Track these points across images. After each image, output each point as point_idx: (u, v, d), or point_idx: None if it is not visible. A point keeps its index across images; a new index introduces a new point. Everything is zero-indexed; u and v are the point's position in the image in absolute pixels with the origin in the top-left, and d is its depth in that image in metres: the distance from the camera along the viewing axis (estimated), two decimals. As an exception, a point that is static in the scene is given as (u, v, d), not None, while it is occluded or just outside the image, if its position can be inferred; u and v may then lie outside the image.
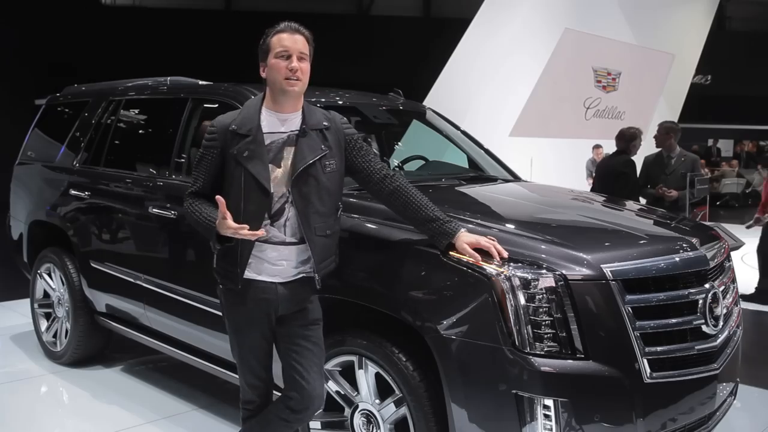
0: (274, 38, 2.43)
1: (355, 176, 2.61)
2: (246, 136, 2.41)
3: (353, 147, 2.56)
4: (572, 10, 10.71)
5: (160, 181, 3.77)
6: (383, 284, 2.66)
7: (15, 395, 4.16)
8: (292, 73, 2.39)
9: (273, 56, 2.42)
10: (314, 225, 2.43)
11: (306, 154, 2.42)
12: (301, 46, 2.43)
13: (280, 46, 2.41)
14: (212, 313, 3.30)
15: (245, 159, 2.39)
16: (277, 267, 2.47)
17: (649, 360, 2.41)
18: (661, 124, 6.60)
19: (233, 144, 2.42)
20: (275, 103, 2.47)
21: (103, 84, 4.74)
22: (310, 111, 2.51)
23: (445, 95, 9.76)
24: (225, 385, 3.72)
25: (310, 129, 2.46)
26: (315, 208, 2.43)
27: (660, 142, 6.42)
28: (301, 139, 2.44)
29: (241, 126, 2.43)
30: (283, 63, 2.40)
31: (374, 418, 2.72)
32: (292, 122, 2.47)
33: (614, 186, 5.98)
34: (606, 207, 3.58)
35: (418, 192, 2.57)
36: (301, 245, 2.47)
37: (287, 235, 2.45)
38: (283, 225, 2.44)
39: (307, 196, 2.42)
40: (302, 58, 2.43)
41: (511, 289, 2.34)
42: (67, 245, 4.44)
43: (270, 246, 2.45)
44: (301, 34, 2.45)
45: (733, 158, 21.12)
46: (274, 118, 2.46)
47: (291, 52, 2.40)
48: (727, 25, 22.72)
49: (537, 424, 2.31)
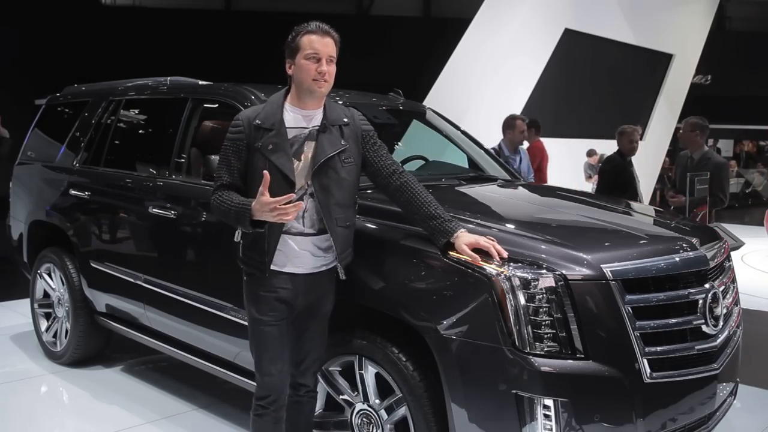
0: (305, 39, 2.47)
1: (366, 169, 2.66)
2: (270, 130, 2.47)
3: (368, 142, 2.64)
4: (572, 10, 10.70)
5: (160, 181, 3.77)
6: (383, 284, 2.66)
7: (15, 395, 4.16)
8: (321, 76, 2.45)
9: (302, 57, 2.46)
10: (335, 216, 2.49)
11: (326, 148, 2.49)
12: (330, 50, 2.48)
13: (310, 48, 2.45)
14: (212, 313, 3.30)
15: (269, 152, 2.45)
16: (298, 258, 2.52)
17: (649, 360, 2.41)
18: (687, 119, 6.03)
19: (257, 138, 2.47)
20: (299, 100, 2.52)
21: (103, 84, 4.74)
22: (331, 107, 2.58)
23: (445, 95, 9.76)
24: (225, 385, 3.73)
25: (331, 125, 2.53)
26: (336, 199, 2.49)
27: (684, 141, 5.87)
28: (322, 134, 2.50)
29: (265, 120, 2.49)
30: (312, 65, 2.45)
31: (374, 418, 2.72)
32: (314, 118, 2.53)
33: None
34: (606, 207, 3.58)
35: (424, 190, 2.61)
36: (320, 236, 2.53)
37: (306, 226, 2.51)
38: (301, 216, 2.50)
39: (327, 188, 2.48)
40: (331, 62, 2.49)
41: (511, 289, 2.34)
42: (67, 245, 4.44)
43: (290, 237, 2.51)
44: (331, 37, 2.51)
45: (732, 159, 21.09)
46: (297, 114, 2.52)
47: (321, 55, 2.45)
48: (727, 25, 22.73)
49: (537, 424, 2.31)
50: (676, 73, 12.77)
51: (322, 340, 2.69)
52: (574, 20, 10.71)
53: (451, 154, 4.36)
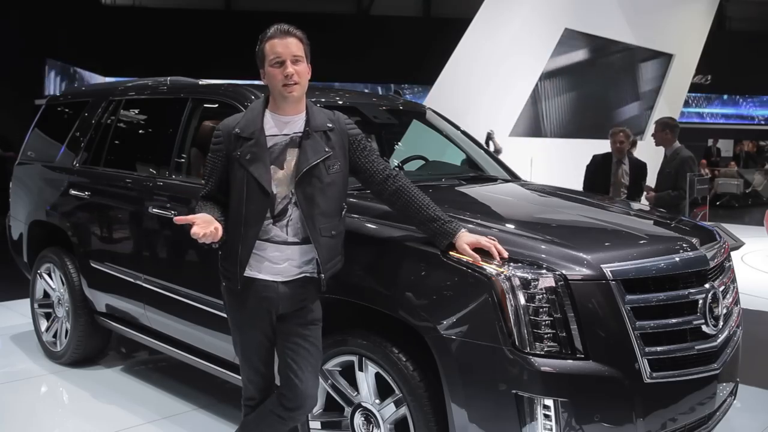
0: (267, 45, 2.43)
1: (357, 176, 2.62)
2: (249, 139, 2.43)
3: (357, 147, 2.57)
4: (572, 10, 10.71)
5: (160, 181, 3.77)
6: (383, 284, 2.66)
7: (15, 395, 4.16)
8: (288, 79, 2.40)
9: (268, 64, 2.42)
10: (319, 226, 2.44)
11: (309, 156, 2.43)
12: (294, 49, 2.42)
13: (272, 53, 2.41)
14: (212, 313, 3.30)
15: (247, 162, 2.41)
16: (279, 266, 2.48)
17: (649, 360, 2.41)
18: (657, 120, 6.48)
19: (237, 147, 2.44)
20: (278, 107, 2.48)
21: (103, 84, 4.74)
22: (314, 112, 2.51)
23: (445, 95, 9.77)
24: (225, 385, 3.73)
25: (314, 131, 2.47)
26: (320, 209, 2.44)
27: (657, 139, 6.25)
28: (305, 141, 2.45)
29: (244, 129, 2.45)
30: (278, 70, 2.40)
31: (374, 418, 2.72)
32: (295, 124, 2.48)
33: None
34: (606, 207, 3.58)
35: (420, 192, 2.57)
36: (304, 245, 2.48)
37: (289, 235, 2.46)
38: (285, 225, 2.45)
39: (311, 197, 2.43)
40: (297, 61, 2.42)
41: (511, 289, 2.34)
42: (67, 245, 4.44)
43: (272, 245, 2.46)
44: (293, 36, 2.44)
45: (731, 160, 21.09)
46: (277, 121, 2.47)
47: (284, 58, 2.40)
48: (727, 25, 22.74)
49: (537, 424, 2.31)
50: (676, 73, 12.77)
51: (317, 350, 2.58)
52: (574, 20, 10.71)
53: (451, 154, 4.36)
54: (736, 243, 5.74)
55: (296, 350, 2.53)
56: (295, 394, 2.51)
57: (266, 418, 2.60)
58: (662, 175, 6.14)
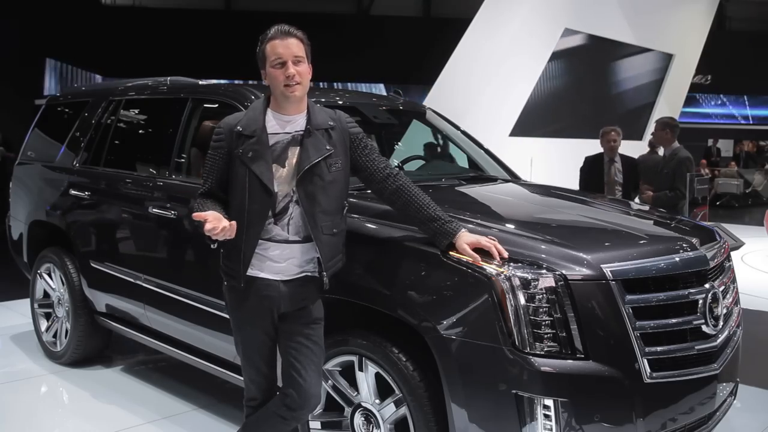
0: (268, 47, 2.44)
1: (358, 174, 2.62)
2: (251, 137, 2.44)
3: (357, 145, 2.58)
4: (572, 10, 10.70)
5: (160, 181, 3.77)
6: (383, 284, 2.66)
7: (15, 395, 4.16)
8: (290, 80, 2.41)
9: (270, 65, 2.43)
10: (321, 224, 2.45)
11: (311, 154, 2.44)
12: (295, 50, 2.43)
13: (273, 54, 2.42)
14: (212, 313, 3.30)
15: (249, 159, 2.42)
16: (280, 265, 2.48)
17: (649, 360, 2.41)
18: (658, 119, 6.50)
19: (238, 145, 2.44)
20: (279, 106, 2.49)
21: (103, 84, 4.74)
22: (315, 111, 2.53)
23: (445, 95, 9.76)
24: (225, 385, 3.73)
25: (315, 129, 2.48)
26: (321, 207, 2.44)
27: (656, 139, 6.25)
28: (306, 139, 2.46)
29: (246, 127, 2.46)
30: (279, 71, 2.41)
31: (374, 418, 2.72)
32: (296, 123, 2.49)
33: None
34: (606, 207, 3.58)
35: (420, 191, 2.58)
36: (305, 244, 2.49)
37: (290, 234, 2.47)
38: (286, 224, 2.46)
39: (312, 195, 2.43)
40: (298, 62, 2.43)
41: (511, 289, 2.34)
42: (67, 245, 4.44)
43: (273, 244, 2.47)
44: (293, 37, 2.44)
45: (731, 160, 21.09)
46: (278, 119, 2.49)
47: (285, 59, 2.41)
48: (727, 25, 22.74)
49: (537, 424, 2.31)
50: (676, 73, 12.77)
51: (320, 349, 2.58)
52: (574, 20, 10.71)
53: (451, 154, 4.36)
54: (736, 243, 5.74)
55: (299, 349, 2.53)
56: (299, 393, 2.52)
57: (269, 419, 2.59)
58: (660, 175, 6.14)
